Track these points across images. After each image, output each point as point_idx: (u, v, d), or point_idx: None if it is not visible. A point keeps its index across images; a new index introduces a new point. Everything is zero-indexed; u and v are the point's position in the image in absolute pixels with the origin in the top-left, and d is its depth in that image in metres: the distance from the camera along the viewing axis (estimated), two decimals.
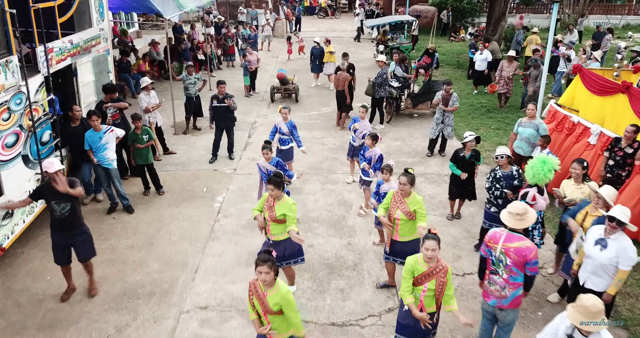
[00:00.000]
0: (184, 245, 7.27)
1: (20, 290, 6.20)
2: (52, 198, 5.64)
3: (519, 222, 4.73)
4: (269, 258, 4.15)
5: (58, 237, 5.85)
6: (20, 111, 6.51)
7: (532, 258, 4.60)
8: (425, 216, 5.63)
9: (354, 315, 5.86)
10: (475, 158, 7.59)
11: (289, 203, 5.62)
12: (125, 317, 5.79)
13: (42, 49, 7.02)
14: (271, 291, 4.21)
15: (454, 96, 10.12)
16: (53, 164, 5.56)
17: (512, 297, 4.76)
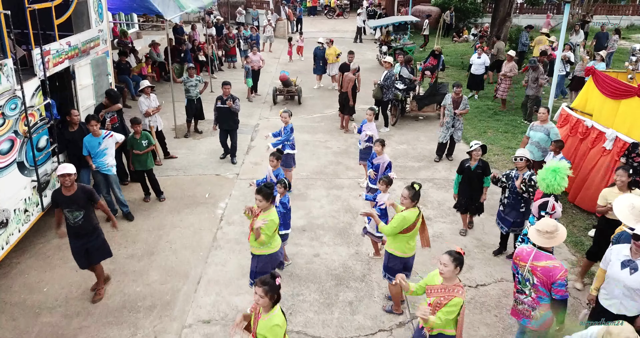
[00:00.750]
0: (185, 254, 7.02)
1: (16, 303, 5.94)
2: (65, 206, 5.62)
3: (549, 240, 4.50)
4: (267, 283, 3.86)
5: (75, 243, 5.83)
6: (16, 117, 6.26)
7: (559, 279, 4.34)
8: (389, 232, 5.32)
9: (364, 330, 5.61)
10: (482, 171, 7.12)
11: (271, 216, 5.34)
12: (124, 331, 5.54)
13: (39, 51, 6.77)
14: (265, 316, 3.92)
15: (464, 99, 9.81)
16: (65, 168, 5.56)
17: (542, 319, 4.51)
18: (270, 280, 3.87)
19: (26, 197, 6.56)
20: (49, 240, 7.24)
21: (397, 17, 21.28)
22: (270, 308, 3.90)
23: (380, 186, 6.31)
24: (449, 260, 4.15)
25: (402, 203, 5.33)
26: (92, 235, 5.85)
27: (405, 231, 5.32)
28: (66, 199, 5.61)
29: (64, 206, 5.64)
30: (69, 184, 5.59)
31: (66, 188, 5.62)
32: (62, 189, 5.64)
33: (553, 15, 27.55)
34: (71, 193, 5.64)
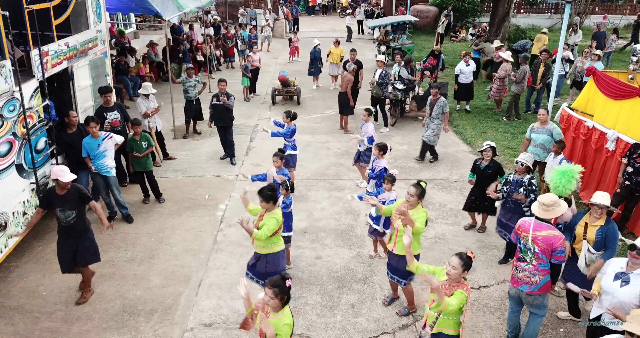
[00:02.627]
0: (186, 257, 6.96)
1: (15, 307, 5.87)
2: (58, 206, 5.61)
3: (546, 212, 4.89)
4: (278, 285, 3.86)
5: (63, 244, 5.80)
6: (14, 118, 6.19)
7: (559, 247, 4.73)
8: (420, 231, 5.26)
9: (367, 333, 5.57)
10: (494, 171, 7.05)
11: (275, 216, 5.38)
12: (125, 336, 5.48)
13: (37, 52, 6.69)
14: (275, 315, 3.92)
15: (440, 101, 9.77)
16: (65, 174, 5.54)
17: (542, 283, 4.88)
18: (281, 282, 3.85)
19: (25, 200, 6.49)
20: (48, 244, 7.16)
21: (396, 17, 21.24)
22: (280, 309, 3.88)
23: (386, 186, 6.27)
24: (459, 264, 4.16)
25: (407, 200, 5.30)
26: (82, 236, 5.82)
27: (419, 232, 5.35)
28: (60, 198, 5.61)
29: (57, 205, 5.62)
30: (62, 186, 5.59)
31: (60, 188, 5.62)
32: (56, 188, 5.64)
33: (551, 15, 27.57)
34: (64, 192, 5.64)
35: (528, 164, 6.39)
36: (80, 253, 5.82)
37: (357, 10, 27.39)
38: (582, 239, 5.25)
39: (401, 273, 5.55)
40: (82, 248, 5.83)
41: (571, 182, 5.67)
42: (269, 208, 5.38)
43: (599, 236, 5.11)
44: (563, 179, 5.67)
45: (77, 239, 5.79)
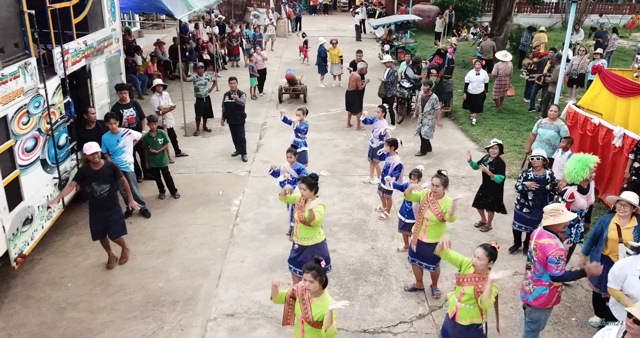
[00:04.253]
0: (203, 251, 7.12)
1: (41, 298, 6.03)
2: (93, 180, 6.17)
3: (545, 220, 4.80)
4: (314, 267, 4.04)
5: (96, 215, 6.35)
6: (39, 115, 6.34)
7: (550, 256, 4.57)
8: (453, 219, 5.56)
9: (385, 322, 5.74)
10: (495, 168, 7.15)
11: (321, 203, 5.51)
12: (151, 325, 5.64)
13: (59, 50, 6.84)
14: (317, 299, 4.09)
15: (432, 98, 10.00)
16: (91, 147, 6.12)
17: (535, 295, 4.79)
18: (316, 265, 4.02)
19: (48, 194, 6.64)
20: (67, 238, 7.32)
21: (400, 16, 21.40)
22: (320, 293, 4.05)
23: (412, 181, 6.38)
24: (484, 254, 4.31)
25: (435, 191, 5.50)
26: (112, 210, 6.41)
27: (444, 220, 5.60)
28: (94, 173, 6.19)
29: (91, 180, 6.18)
30: (97, 161, 6.17)
31: (94, 164, 6.18)
32: (91, 164, 6.13)
33: (551, 14, 27.79)
34: (99, 168, 6.21)
35: (544, 157, 6.50)
36: (111, 228, 6.42)
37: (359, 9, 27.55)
38: (617, 242, 5.17)
39: (430, 260, 5.78)
40: (112, 221, 6.40)
41: (585, 170, 5.82)
42: (310, 196, 5.48)
43: (636, 236, 5.07)
44: (577, 166, 5.84)
45: (107, 212, 6.33)
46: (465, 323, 4.52)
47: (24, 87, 5.96)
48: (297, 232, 5.59)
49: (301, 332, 4.25)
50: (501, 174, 7.15)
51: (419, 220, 5.81)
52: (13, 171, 5.79)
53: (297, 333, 4.31)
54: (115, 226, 6.47)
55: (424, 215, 5.69)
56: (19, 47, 5.91)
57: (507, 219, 7.80)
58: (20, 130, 5.91)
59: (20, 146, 5.94)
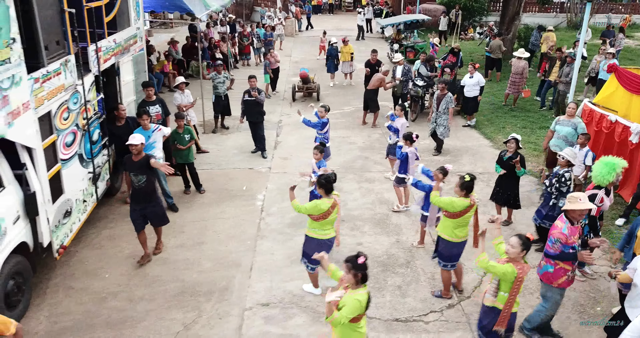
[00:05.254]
0: (233, 243, 7.31)
1: (81, 288, 6.22)
2: (131, 170, 6.37)
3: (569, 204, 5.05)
4: (349, 260, 4.16)
5: (135, 206, 6.52)
6: (77, 110, 6.54)
7: (551, 236, 4.99)
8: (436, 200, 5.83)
9: (416, 311, 5.93)
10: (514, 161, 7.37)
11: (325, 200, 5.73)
12: (189, 314, 5.84)
13: (94, 47, 7.03)
14: (352, 291, 4.21)
15: (447, 96, 10.19)
16: (135, 138, 6.29)
17: (542, 270, 5.20)
18: (353, 258, 4.18)
19: (84, 188, 6.83)
20: (100, 231, 7.51)
21: (409, 16, 21.61)
22: (356, 286, 4.19)
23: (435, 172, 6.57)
24: (517, 243, 4.52)
25: (455, 191, 5.69)
26: (151, 201, 6.54)
27: (453, 217, 5.69)
28: (134, 163, 6.36)
29: (131, 169, 6.39)
30: (136, 152, 6.30)
31: (135, 155, 6.33)
32: (132, 155, 6.36)
33: (556, 14, 27.97)
34: (138, 159, 6.34)
35: (568, 159, 6.66)
36: (152, 218, 6.61)
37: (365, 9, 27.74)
38: None
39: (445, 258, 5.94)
40: (152, 211, 6.56)
41: (611, 174, 6.01)
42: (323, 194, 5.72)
43: None
44: (604, 170, 6.02)
45: (145, 203, 6.48)
46: (488, 305, 4.78)
47: (65, 83, 6.15)
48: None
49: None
50: (522, 167, 7.34)
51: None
52: (55, 164, 5.98)
53: None
54: (155, 217, 6.65)
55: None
56: (60, 45, 6.10)
57: (526, 212, 8.00)
58: (61, 125, 6.10)
59: (62, 141, 6.13)
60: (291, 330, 5.63)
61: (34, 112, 5.40)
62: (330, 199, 5.69)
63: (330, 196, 5.73)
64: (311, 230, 5.84)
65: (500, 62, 16.43)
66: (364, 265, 4.17)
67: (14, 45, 4.95)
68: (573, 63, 11.83)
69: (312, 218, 5.74)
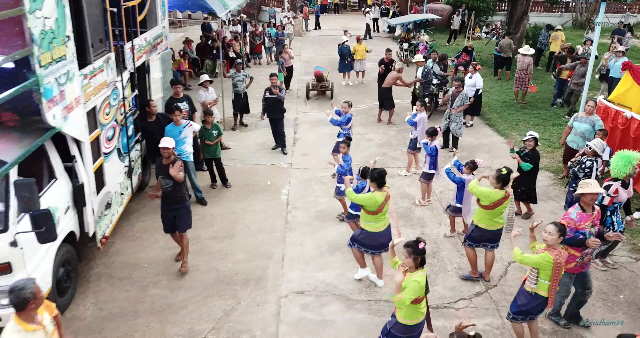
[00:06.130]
0: (263, 235, 7.55)
1: (122, 277, 6.46)
2: (160, 173, 6.33)
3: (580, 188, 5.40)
4: (410, 245, 4.46)
5: (164, 208, 6.48)
6: (116, 106, 6.78)
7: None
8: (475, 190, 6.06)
9: (446, 298, 6.17)
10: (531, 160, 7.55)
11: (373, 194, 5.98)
12: (229, 301, 6.08)
13: (130, 45, 7.27)
14: (410, 274, 4.51)
15: (462, 94, 10.46)
16: (166, 142, 6.30)
17: None
18: (414, 244, 4.44)
19: (121, 181, 7.07)
20: (133, 223, 7.75)
21: (419, 15, 21.86)
22: (414, 269, 4.48)
23: (465, 170, 6.84)
24: (555, 230, 4.76)
25: (491, 182, 5.95)
26: (179, 204, 6.45)
27: (487, 208, 5.94)
28: (163, 167, 6.30)
29: (159, 173, 6.35)
30: (167, 156, 6.26)
31: (166, 159, 6.28)
32: (163, 159, 6.31)
33: (562, 14, 28.22)
34: (167, 163, 6.29)
35: (595, 150, 6.92)
36: (179, 220, 6.47)
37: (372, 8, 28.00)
38: None
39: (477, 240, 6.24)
40: (180, 215, 6.45)
41: (627, 166, 6.26)
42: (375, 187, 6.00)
43: None
44: (621, 163, 6.27)
45: (174, 206, 6.41)
46: (528, 290, 5.02)
47: (107, 80, 6.40)
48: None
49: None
50: (532, 164, 7.58)
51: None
52: (99, 158, 6.22)
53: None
54: (181, 220, 6.51)
55: None
56: (102, 43, 6.34)
57: (546, 207, 8.26)
58: (104, 120, 6.34)
59: (104, 135, 6.37)
60: (327, 317, 5.87)
61: (83, 107, 5.63)
62: (383, 193, 5.93)
63: (382, 189, 5.96)
64: (368, 224, 6.05)
65: (510, 61, 16.67)
66: (423, 249, 4.46)
67: (69, 42, 5.19)
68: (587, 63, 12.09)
69: (367, 213, 5.95)
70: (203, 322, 5.73)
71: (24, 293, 3.38)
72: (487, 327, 5.73)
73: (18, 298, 3.37)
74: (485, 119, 12.92)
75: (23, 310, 3.43)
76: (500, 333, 5.63)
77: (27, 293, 3.39)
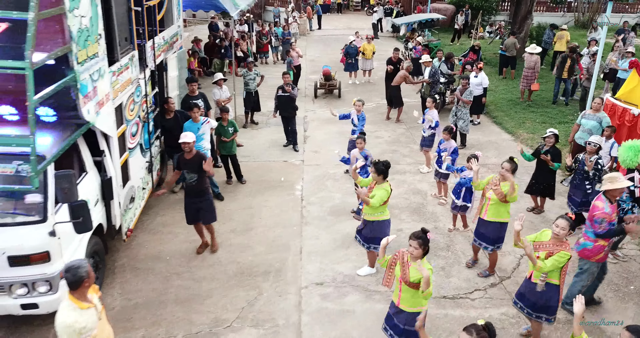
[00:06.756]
0: (279, 229, 7.74)
1: (146, 269, 6.64)
2: (184, 168, 6.54)
3: (603, 185, 5.55)
4: (421, 237, 4.62)
5: (188, 200, 6.71)
6: (139, 103, 6.96)
7: (595, 217, 5.41)
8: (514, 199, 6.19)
9: (461, 289, 6.36)
10: (553, 155, 7.69)
11: (384, 186, 6.19)
12: (251, 292, 6.26)
13: (151, 44, 7.45)
14: (416, 264, 4.65)
15: (468, 90, 10.69)
16: (186, 136, 6.46)
17: (581, 246, 5.67)
18: (423, 235, 4.61)
19: (143, 176, 7.26)
20: (153, 218, 7.93)
21: (424, 15, 22.04)
22: (420, 258, 4.64)
23: (467, 164, 7.04)
24: (567, 224, 4.92)
25: (502, 174, 6.12)
26: (202, 197, 6.69)
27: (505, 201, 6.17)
28: (186, 161, 6.53)
29: (183, 167, 6.56)
30: (188, 150, 6.46)
31: (187, 153, 6.49)
32: (184, 154, 6.51)
33: (564, 13, 28.40)
34: (190, 157, 6.50)
35: (600, 145, 7.11)
36: (202, 213, 6.71)
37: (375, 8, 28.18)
38: None
39: (489, 240, 6.36)
40: (204, 207, 6.68)
41: (638, 155, 6.43)
42: (379, 180, 6.15)
43: None
44: (630, 153, 6.45)
45: (197, 199, 6.64)
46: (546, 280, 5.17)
47: (131, 77, 6.58)
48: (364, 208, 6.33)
49: (399, 291, 4.84)
50: (558, 162, 7.75)
51: (482, 199, 6.44)
52: (124, 153, 6.40)
53: (396, 293, 4.90)
54: (205, 212, 6.74)
55: (487, 195, 6.32)
56: (127, 41, 6.52)
57: (555, 202, 8.43)
58: (129, 116, 6.53)
59: (129, 131, 6.55)
60: (347, 307, 6.06)
61: (112, 103, 5.81)
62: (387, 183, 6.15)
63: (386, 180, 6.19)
64: (379, 214, 6.25)
65: (515, 60, 16.86)
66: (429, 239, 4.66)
67: (101, 40, 5.37)
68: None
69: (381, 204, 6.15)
70: (228, 312, 5.91)
71: (80, 272, 3.57)
72: (502, 316, 5.92)
73: (75, 277, 3.55)
74: (491, 117, 13.12)
75: (77, 289, 3.61)
76: (516, 322, 5.82)
77: (82, 272, 3.58)
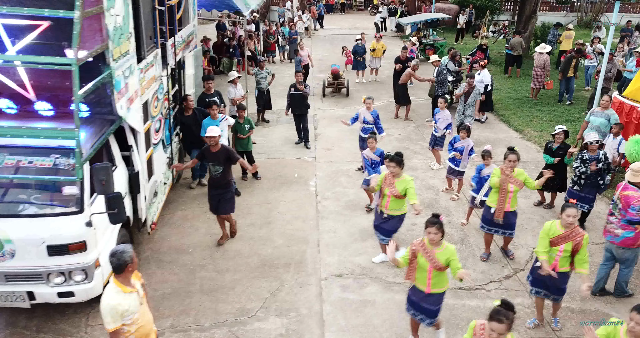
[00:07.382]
0: (297, 223, 7.92)
1: (170, 261, 6.83)
2: (210, 160, 6.82)
3: (634, 176, 5.83)
4: (437, 221, 4.84)
5: (212, 191, 6.99)
6: (162, 100, 7.14)
7: (633, 205, 5.61)
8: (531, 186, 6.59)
9: (477, 281, 6.55)
10: (564, 152, 7.90)
11: (407, 179, 6.39)
12: (273, 283, 6.45)
13: (171, 42, 7.63)
14: (439, 249, 4.89)
15: (475, 89, 10.83)
16: (212, 131, 6.72)
17: (622, 237, 5.81)
18: (437, 220, 4.82)
19: (164, 171, 7.44)
20: (174, 212, 8.12)
21: (429, 14, 22.22)
22: (440, 243, 4.87)
23: (485, 161, 7.26)
24: (576, 211, 5.16)
25: (512, 166, 6.36)
26: (225, 189, 6.95)
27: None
28: (212, 154, 6.79)
29: (209, 160, 6.83)
30: (214, 144, 6.71)
31: (213, 147, 6.73)
32: (210, 147, 6.76)
33: (567, 13, 28.58)
34: (216, 151, 6.75)
35: (602, 142, 7.29)
36: (221, 204, 6.96)
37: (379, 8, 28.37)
38: None
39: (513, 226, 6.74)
40: (224, 199, 6.95)
41: None
42: (398, 173, 6.33)
43: None
44: (637, 147, 6.66)
45: (220, 190, 6.90)
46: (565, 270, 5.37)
47: (155, 75, 6.76)
48: (388, 205, 6.52)
49: (427, 279, 5.04)
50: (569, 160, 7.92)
51: (503, 194, 6.62)
52: (149, 148, 6.59)
53: (422, 281, 5.09)
54: (224, 203, 6.97)
55: (508, 189, 6.53)
56: (151, 40, 6.70)
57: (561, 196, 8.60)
58: (154, 112, 6.72)
59: (153, 127, 6.73)
60: (367, 297, 6.25)
61: (140, 100, 6.00)
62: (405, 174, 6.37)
63: None
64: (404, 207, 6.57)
65: (521, 59, 17.04)
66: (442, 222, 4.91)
67: (131, 38, 5.55)
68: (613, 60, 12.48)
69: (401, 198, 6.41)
70: (252, 302, 6.10)
71: (124, 256, 3.75)
72: (518, 306, 6.07)
73: (120, 261, 3.74)
74: (499, 115, 13.31)
75: (121, 273, 3.80)
76: (532, 312, 6.00)
77: (127, 256, 3.76)
